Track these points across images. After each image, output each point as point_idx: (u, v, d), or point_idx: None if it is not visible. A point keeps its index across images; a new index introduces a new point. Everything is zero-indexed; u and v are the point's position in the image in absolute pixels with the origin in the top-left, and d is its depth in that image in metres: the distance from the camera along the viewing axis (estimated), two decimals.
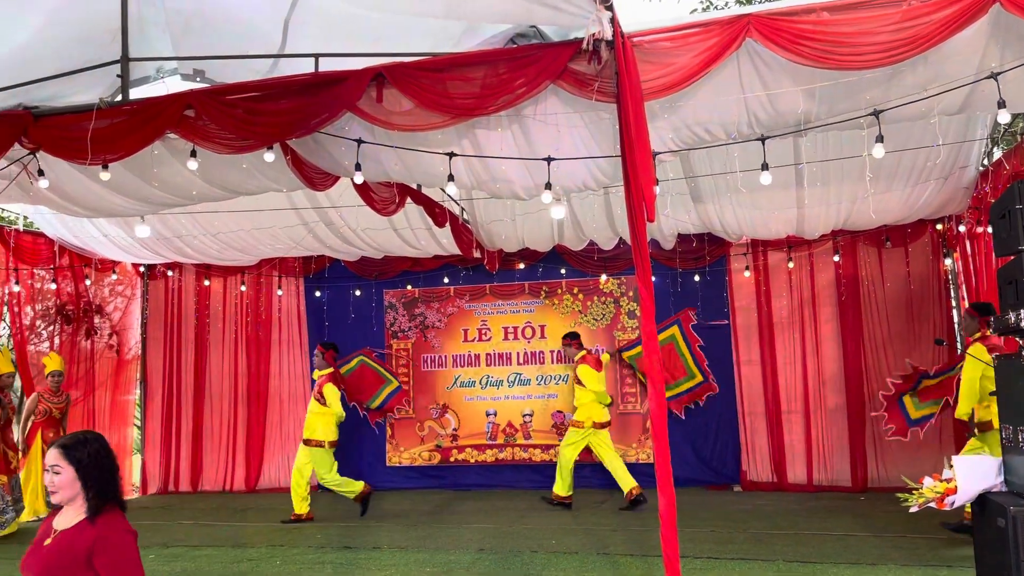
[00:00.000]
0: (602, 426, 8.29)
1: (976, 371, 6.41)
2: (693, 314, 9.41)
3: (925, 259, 8.71)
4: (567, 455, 8.27)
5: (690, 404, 9.37)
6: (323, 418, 7.89)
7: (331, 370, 8.15)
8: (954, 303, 8.51)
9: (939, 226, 8.50)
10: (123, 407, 10.23)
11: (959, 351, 7.83)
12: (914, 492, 4.57)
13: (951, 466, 4.46)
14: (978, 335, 6.97)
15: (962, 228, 7.85)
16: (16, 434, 7.77)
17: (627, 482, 8.07)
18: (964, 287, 8.04)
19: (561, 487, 8.27)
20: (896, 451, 8.27)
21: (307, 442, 7.91)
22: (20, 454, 7.96)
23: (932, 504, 4.51)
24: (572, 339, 8.66)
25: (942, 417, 7.60)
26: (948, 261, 8.54)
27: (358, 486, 8.08)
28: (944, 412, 7.34)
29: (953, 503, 4.37)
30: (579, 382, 8.40)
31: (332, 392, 7.92)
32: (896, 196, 7.17)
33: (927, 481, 4.61)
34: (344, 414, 8.05)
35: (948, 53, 4.25)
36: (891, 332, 8.76)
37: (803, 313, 9.09)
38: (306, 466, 7.97)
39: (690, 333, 9.41)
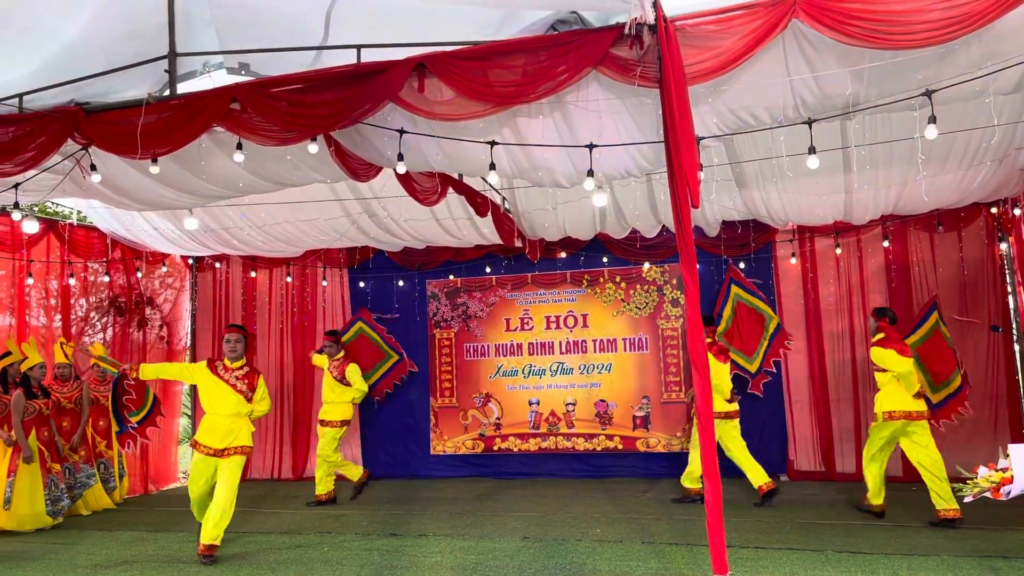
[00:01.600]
0: (345, 423, 8.65)
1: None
2: (369, 312, 10.22)
3: (979, 243, 8.47)
4: (334, 457, 8.49)
5: (397, 382, 10.01)
6: (248, 421, 6.36)
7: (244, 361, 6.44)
8: (1010, 288, 8.27)
9: (994, 209, 8.26)
10: (173, 397, 10.46)
11: (1015, 337, 7.64)
12: (968, 482, 4.47)
13: (1007, 455, 4.34)
14: (709, 341, 7.42)
15: (1017, 211, 7.62)
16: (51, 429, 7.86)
17: (356, 472, 8.67)
18: (1020, 272, 7.82)
19: (324, 488, 8.51)
20: (949, 440, 8.07)
21: (236, 450, 6.20)
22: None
23: (987, 494, 4.41)
24: (334, 337, 8.88)
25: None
26: (1003, 245, 8.30)
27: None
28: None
29: (1009, 492, 4.27)
30: (345, 382, 8.52)
31: (264, 388, 6.48)
32: (948, 179, 6.97)
33: (982, 470, 4.50)
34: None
35: (1003, 30, 4.12)
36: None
37: (851, 300, 8.92)
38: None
39: (375, 324, 10.03)
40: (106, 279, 9.51)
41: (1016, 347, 8.05)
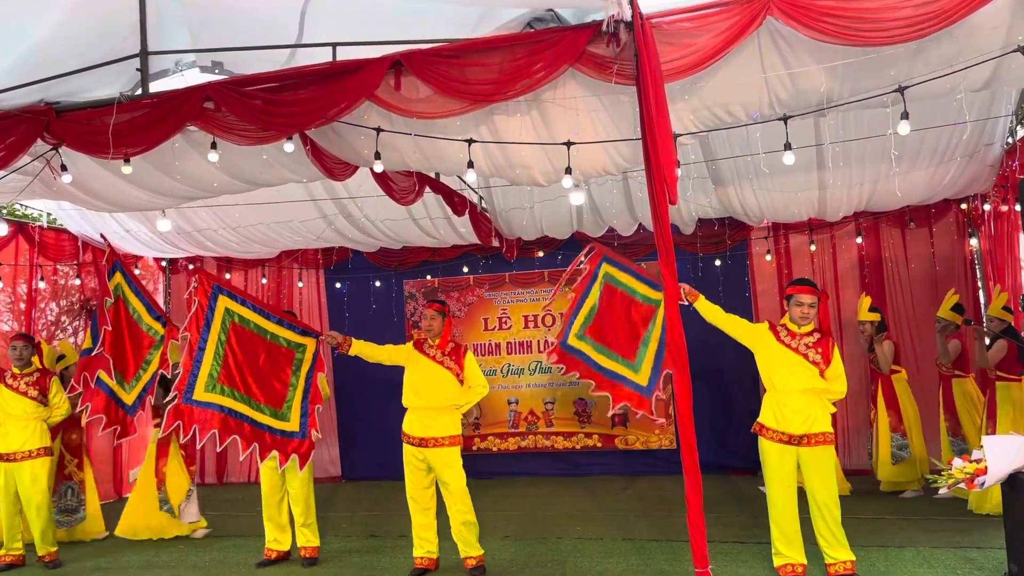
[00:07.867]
0: None
1: None
2: None
3: (950, 239, 8.59)
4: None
5: None
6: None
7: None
8: (980, 283, 8.40)
9: (964, 205, 8.38)
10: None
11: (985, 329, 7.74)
12: (943, 473, 4.53)
13: (981, 446, 4.41)
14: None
15: (987, 207, 7.75)
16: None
17: None
18: (990, 267, 7.94)
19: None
20: (924, 433, 8.18)
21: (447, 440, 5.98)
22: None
23: (962, 485, 4.48)
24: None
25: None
26: (973, 241, 8.43)
27: None
28: None
29: (983, 483, 4.33)
30: None
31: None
32: (920, 175, 7.07)
33: (956, 462, 4.57)
34: None
35: (973, 27, 4.18)
36: (916, 314, 8.65)
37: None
38: None
39: None
40: (77, 282, 9.37)
41: (986, 340, 8.15)
